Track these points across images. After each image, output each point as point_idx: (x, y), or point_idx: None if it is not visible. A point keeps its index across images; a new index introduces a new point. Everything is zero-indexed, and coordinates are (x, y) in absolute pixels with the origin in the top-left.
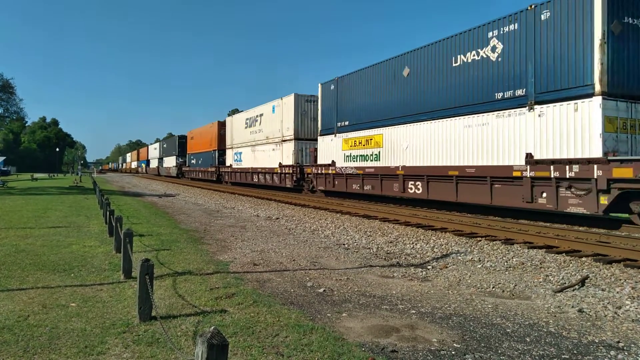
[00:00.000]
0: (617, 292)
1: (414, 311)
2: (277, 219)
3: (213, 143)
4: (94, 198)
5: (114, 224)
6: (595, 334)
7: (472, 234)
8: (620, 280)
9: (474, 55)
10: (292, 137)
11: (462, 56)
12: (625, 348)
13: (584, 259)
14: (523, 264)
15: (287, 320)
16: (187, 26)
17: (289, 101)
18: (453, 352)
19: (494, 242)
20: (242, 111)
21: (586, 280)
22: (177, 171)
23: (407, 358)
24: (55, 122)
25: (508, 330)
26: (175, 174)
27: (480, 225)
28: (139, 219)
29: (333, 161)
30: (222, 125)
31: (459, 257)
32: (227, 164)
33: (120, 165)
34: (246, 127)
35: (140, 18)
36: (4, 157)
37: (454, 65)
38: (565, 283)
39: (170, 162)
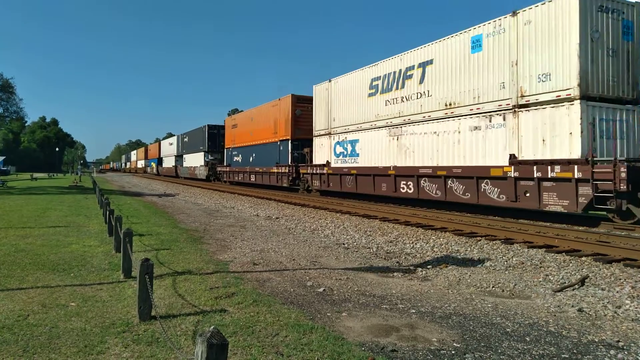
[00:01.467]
0: (617, 292)
1: (413, 311)
2: (276, 218)
3: (281, 130)
4: (93, 198)
5: (113, 224)
6: (595, 334)
7: (472, 233)
8: (620, 279)
9: None
10: (574, 93)
11: None
12: (625, 347)
13: (583, 258)
14: (523, 263)
15: (287, 319)
16: (188, 26)
17: (562, 8)
18: (453, 352)
19: (494, 242)
20: (355, 70)
21: (586, 280)
22: (207, 172)
23: (407, 357)
24: (55, 122)
25: (508, 329)
26: (205, 176)
27: (480, 224)
28: (139, 218)
29: None
30: (298, 101)
31: (459, 257)
32: (319, 161)
33: (123, 164)
34: (372, 95)
35: (140, 19)
36: (4, 157)
37: None
38: (565, 282)
39: (195, 160)
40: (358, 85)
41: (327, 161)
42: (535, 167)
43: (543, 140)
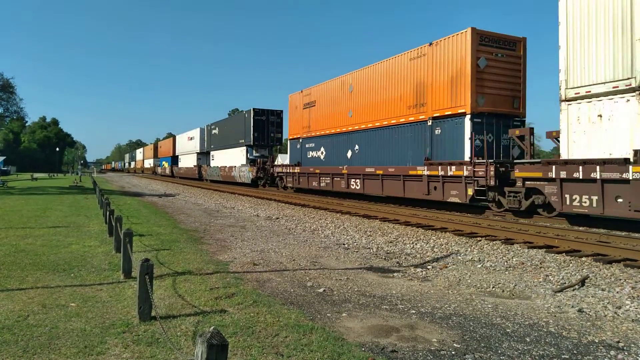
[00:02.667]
0: (617, 292)
1: (413, 311)
2: (277, 218)
3: (437, 98)
4: (93, 198)
5: (113, 224)
6: (595, 334)
7: (472, 233)
8: (620, 280)
9: None
10: None
11: None
12: (625, 348)
13: (584, 258)
14: (523, 263)
15: (287, 320)
16: (187, 27)
17: None
18: (453, 352)
19: (494, 242)
20: None
21: (586, 280)
22: (254, 174)
23: (407, 358)
24: (55, 122)
25: (508, 330)
26: (250, 180)
27: (480, 225)
28: (139, 218)
29: None
30: (482, 43)
31: (459, 257)
32: (587, 152)
33: (127, 164)
34: None
35: (139, 18)
36: (4, 157)
37: None
38: (565, 283)
39: (231, 157)
40: None
41: None
42: None
43: None
